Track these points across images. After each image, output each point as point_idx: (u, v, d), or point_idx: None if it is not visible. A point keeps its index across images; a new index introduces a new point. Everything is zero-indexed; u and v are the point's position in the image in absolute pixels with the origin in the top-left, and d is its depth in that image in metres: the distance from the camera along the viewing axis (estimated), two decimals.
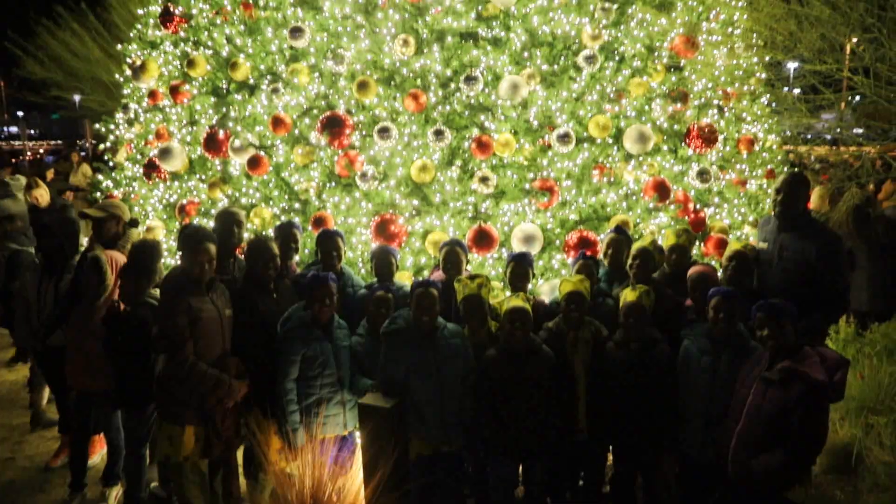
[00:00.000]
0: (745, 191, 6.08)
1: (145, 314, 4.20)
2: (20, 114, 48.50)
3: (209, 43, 6.15)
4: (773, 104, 7.20)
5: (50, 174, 11.99)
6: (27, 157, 26.90)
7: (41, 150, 34.70)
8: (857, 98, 7.11)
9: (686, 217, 5.49)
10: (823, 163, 9.44)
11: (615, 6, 5.59)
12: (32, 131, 52.18)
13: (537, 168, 5.31)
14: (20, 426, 5.96)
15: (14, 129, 52.94)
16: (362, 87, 5.29)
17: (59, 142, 39.87)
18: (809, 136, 10.44)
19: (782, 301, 3.68)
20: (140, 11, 7.61)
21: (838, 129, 8.57)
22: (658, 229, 5.37)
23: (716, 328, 3.89)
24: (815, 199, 7.58)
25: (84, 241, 5.35)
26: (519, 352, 3.87)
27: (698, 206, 5.65)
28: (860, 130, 10.13)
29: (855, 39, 7.14)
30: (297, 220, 5.18)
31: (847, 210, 6.51)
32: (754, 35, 6.83)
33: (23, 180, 8.02)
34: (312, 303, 4.01)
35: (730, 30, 6.44)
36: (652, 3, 5.87)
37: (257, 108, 5.77)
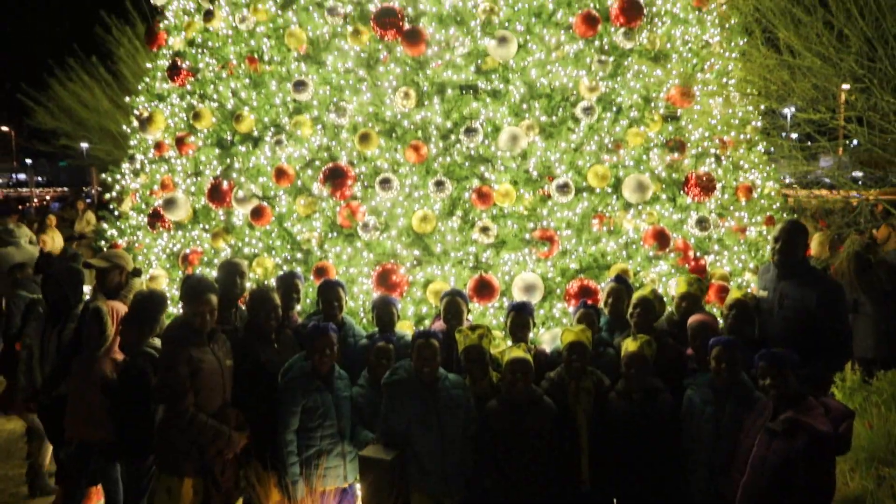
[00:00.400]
0: (744, 238, 6.12)
1: (144, 364, 4.20)
2: (28, 161, 49.23)
3: (215, 96, 6.30)
4: (771, 150, 7.31)
5: (52, 220, 12.12)
6: (33, 204, 27.20)
7: (47, 197, 35.10)
8: (854, 142, 7.20)
9: (686, 265, 5.52)
10: (822, 213, 9.50)
11: (611, 59, 5.73)
12: (40, 178, 52.84)
13: (537, 218, 5.36)
14: (16, 477, 5.89)
15: (22, 176, 53.62)
16: (364, 139, 5.39)
17: (66, 189, 40.34)
18: (809, 180, 10.55)
19: (784, 350, 3.68)
20: (148, 65, 7.80)
21: (836, 175, 8.68)
22: (658, 277, 5.39)
23: (718, 378, 3.88)
24: (815, 246, 7.62)
25: (87, 289, 5.39)
26: (520, 403, 3.85)
27: (698, 254, 5.68)
28: (859, 174, 10.25)
29: (846, 87, 7.30)
30: (299, 269, 5.22)
31: (847, 257, 6.53)
32: (748, 85, 6.99)
33: (27, 229, 8.13)
34: (313, 353, 4.02)
35: (724, 80, 6.59)
36: (647, 55, 6.01)
37: (261, 159, 5.86)
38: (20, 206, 23.88)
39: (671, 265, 5.48)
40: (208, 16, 6.36)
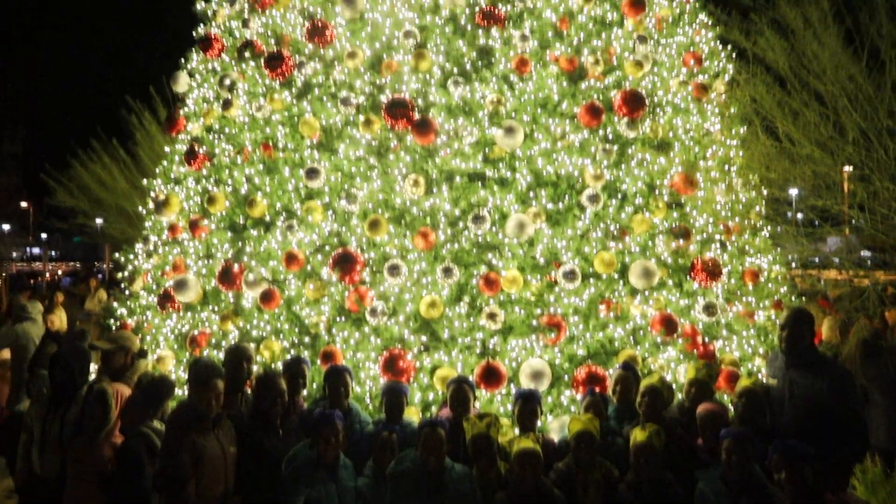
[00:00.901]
0: (753, 323, 6.10)
1: (138, 447, 4.12)
2: (44, 236, 50.13)
3: (229, 181, 6.47)
4: (778, 229, 7.36)
5: (60, 297, 12.21)
6: (45, 279, 27.45)
7: (59, 272, 35.46)
8: (861, 221, 7.27)
9: (695, 351, 5.48)
10: (832, 297, 9.46)
11: (615, 147, 5.90)
12: (53, 253, 53.62)
13: (544, 304, 5.39)
14: None
15: (37, 250, 54.42)
16: (374, 225, 5.51)
17: (78, 264, 40.79)
18: (817, 260, 10.57)
19: (799, 442, 3.60)
20: (167, 149, 8.05)
21: (843, 258, 8.71)
22: (667, 364, 5.35)
23: (729, 472, 3.78)
24: (825, 331, 7.55)
25: (93, 368, 5.38)
26: (530, 496, 3.76)
27: (707, 340, 5.65)
28: (867, 253, 10.28)
29: (848, 168, 7.45)
30: (306, 354, 5.22)
31: (856, 344, 6.46)
32: (750, 172, 7.14)
33: (39, 304, 8.18)
34: (318, 441, 3.97)
35: (726, 167, 6.74)
36: (651, 143, 6.19)
37: (272, 243, 5.97)
38: (31, 281, 24.12)
39: (679, 351, 5.45)
40: (227, 105, 6.62)
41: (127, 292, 7.48)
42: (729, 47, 7.36)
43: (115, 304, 7.31)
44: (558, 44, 6.11)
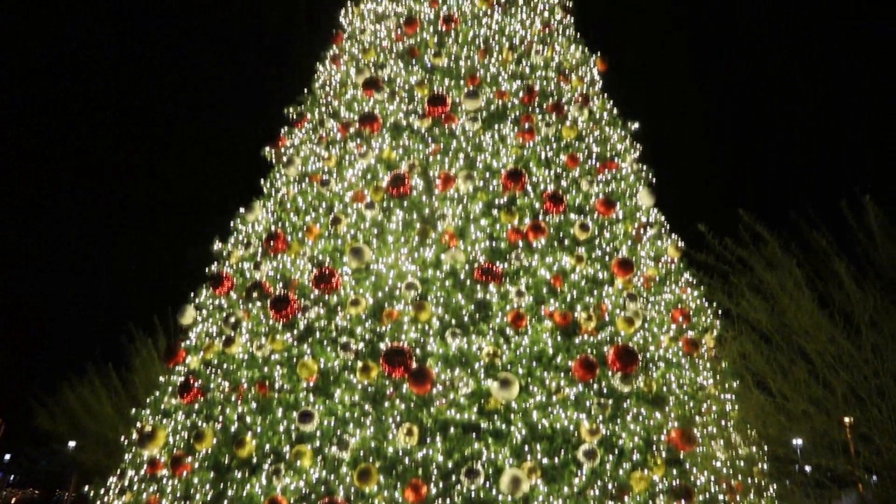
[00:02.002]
0: None
1: None
2: (7, 457, 47.19)
3: (220, 417, 6.35)
4: (787, 483, 7.05)
5: None
6: None
7: (13, 500, 32.96)
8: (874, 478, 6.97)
9: None
10: None
11: (610, 402, 5.91)
12: (12, 477, 50.02)
13: None
14: None
15: None
16: (364, 475, 5.31)
17: (36, 492, 38.02)
18: None
19: None
20: (161, 378, 8.01)
21: None
22: None
23: None
24: None
25: None
26: None
27: None
28: None
29: (849, 420, 7.33)
30: None
31: None
32: (747, 426, 7.04)
33: None
34: None
35: (723, 422, 6.68)
36: (645, 398, 6.21)
37: (256, 488, 5.69)
38: None
39: None
40: (228, 342, 6.75)
41: None
42: (715, 304, 7.72)
43: None
44: (552, 300, 6.42)
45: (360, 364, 5.95)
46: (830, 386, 6.95)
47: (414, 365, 5.76)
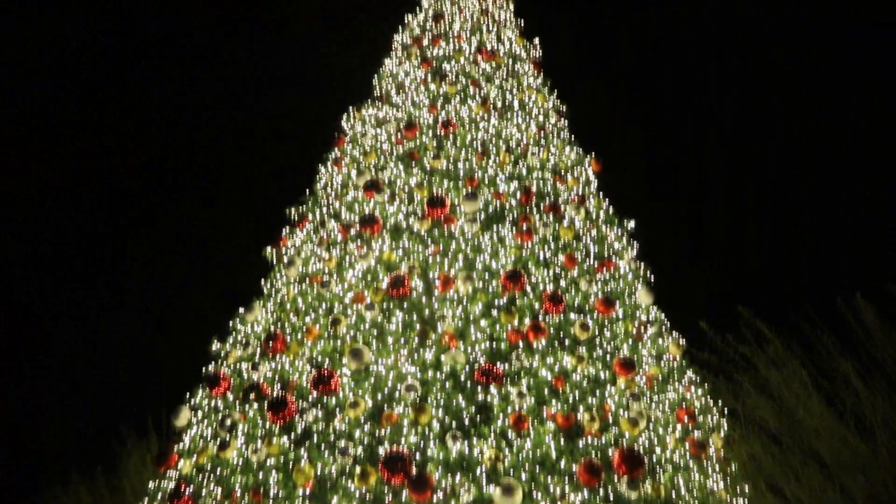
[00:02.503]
0: None
1: None
2: None
3: None
4: None
5: None
6: None
7: None
8: None
9: None
10: None
11: None
12: None
13: None
14: None
15: None
16: None
17: None
18: None
19: None
20: (151, 484, 7.71)
21: None
22: None
23: None
24: None
25: None
26: None
27: None
28: None
29: None
30: None
31: None
32: None
33: None
34: None
35: None
36: (654, 503, 5.98)
37: None
38: None
39: None
40: (223, 446, 6.56)
41: None
42: (720, 403, 7.58)
43: None
44: (554, 401, 6.30)
45: (358, 469, 5.77)
46: (848, 492, 6.72)
47: (414, 471, 5.58)
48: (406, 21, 9.64)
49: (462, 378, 6.34)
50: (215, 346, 7.71)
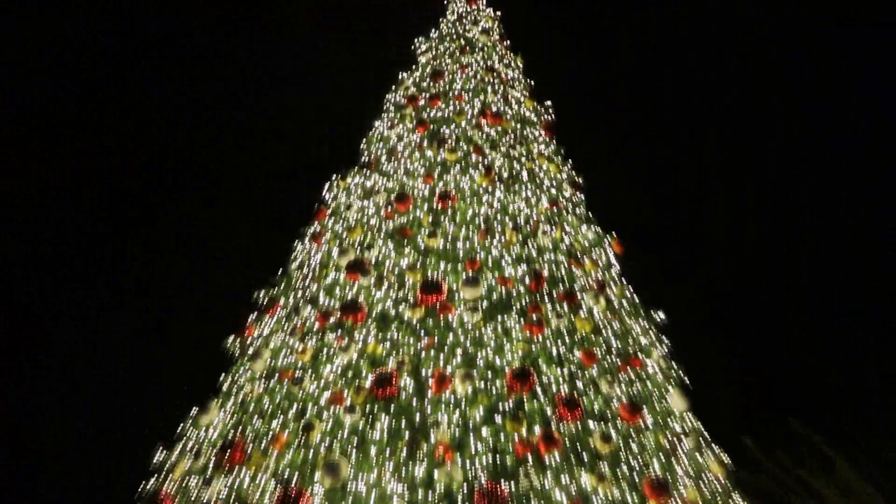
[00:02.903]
0: None
1: None
2: None
3: None
4: None
5: None
6: None
7: None
8: None
9: None
10: None
11: None
12: None
13: None
14: None
15: None
16: None
17: None
18: None
19: None
20: None
21: None
22: None
23: None
24: None
25: None
26: None
27: None
28: None
29: None
30: None
31: None
32: None
33: None
34: None
35: None
36: None
37: None
38: None
39: None
40: None
41: None
42: None
43: None
44: None
45: None
46: None
47: None
48: (400, 78, 9.18)
49: (459, 500, 5.37)
50: (158, 455, 6.70)
